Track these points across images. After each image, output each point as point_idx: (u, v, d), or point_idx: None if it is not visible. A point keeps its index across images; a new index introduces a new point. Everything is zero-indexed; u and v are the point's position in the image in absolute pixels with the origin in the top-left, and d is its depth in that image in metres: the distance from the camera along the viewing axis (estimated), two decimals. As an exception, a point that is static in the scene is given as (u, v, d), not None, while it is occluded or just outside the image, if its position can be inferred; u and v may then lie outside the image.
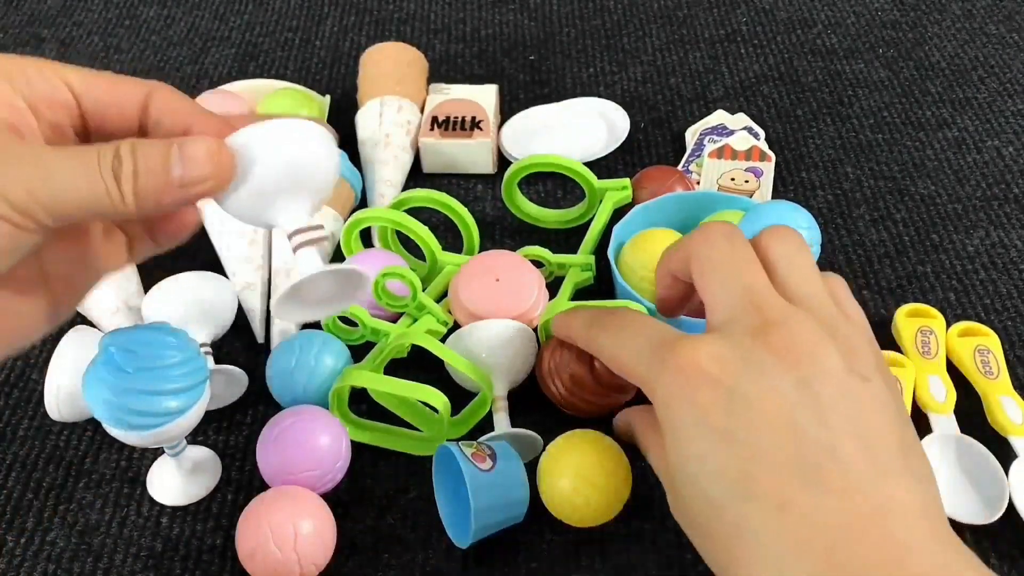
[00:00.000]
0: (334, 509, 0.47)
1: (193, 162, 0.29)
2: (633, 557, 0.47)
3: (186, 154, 0.29)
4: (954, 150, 0.70)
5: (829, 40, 0.80)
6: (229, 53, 0.81)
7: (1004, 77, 0.76)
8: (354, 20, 0.84)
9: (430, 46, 0.81)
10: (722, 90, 0.75)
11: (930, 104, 0.73)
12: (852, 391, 0.33)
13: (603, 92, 0.75)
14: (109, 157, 0.29)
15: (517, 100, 0.75)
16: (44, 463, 0.52)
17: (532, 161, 0.61)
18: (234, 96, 0.69)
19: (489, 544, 0.47)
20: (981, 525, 0.47)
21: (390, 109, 0.68)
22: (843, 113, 0.73)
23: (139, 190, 0.29)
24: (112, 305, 0.56)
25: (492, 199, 0.67)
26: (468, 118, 0.68)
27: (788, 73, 0.77)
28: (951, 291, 0.60)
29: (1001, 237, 0.63)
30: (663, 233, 0.57)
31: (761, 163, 0.65)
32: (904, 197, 0.66)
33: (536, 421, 0.51)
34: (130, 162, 0.29)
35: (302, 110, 0.68)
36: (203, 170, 0.29)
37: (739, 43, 0.80)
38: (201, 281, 0.54)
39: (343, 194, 0.62)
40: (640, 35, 0.81)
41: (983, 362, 0.54)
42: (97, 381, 0.42)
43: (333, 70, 0.79)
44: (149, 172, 0.29)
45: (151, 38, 0.83)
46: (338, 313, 0.34)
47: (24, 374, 0.57)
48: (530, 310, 0.54)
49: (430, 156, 0.68)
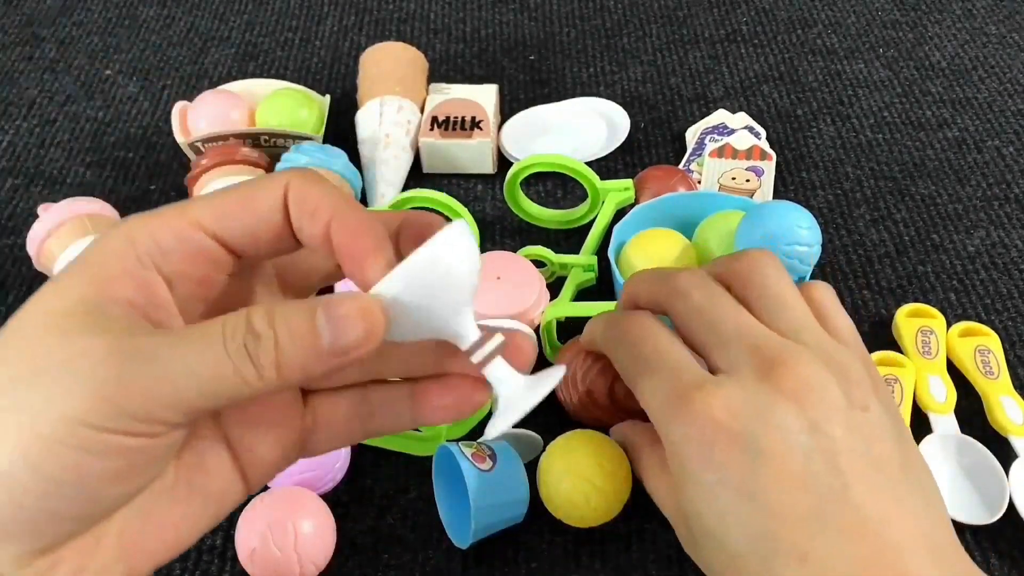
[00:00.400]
0: (334, 509, 0.47)
1: (344, 325, 0.25)
2: (633, 557, 0.47)
3: (334, 316, 0.25)
4: (954, 150, 0.69)
5: (829, 40, 0.80)
6: (229, 53, 0.81)
7: (1004, 77, 0.76)
8: (354, 20, 0.84)
9: (430, 46, 0.81)
10: (722, 90, 0.75)
11: (930, 104, 0.73)
12: (856, 426, 0.34)
13: (603, 92, 0.75)
14: (240, 333, 0.25)
15: (517, 100, 0.75)
16: (44, 463, 0.52)
17: (535, 161, 0.61)
18: (234, 96, 0.69)
19: (489, 544, 0.47)
20: (981, 525, 0.47)
21: (390, 109, 0.68)
22: (843, 113, 0.73)
23: (283, 366, 0.25)
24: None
25: (492, 199, 0.67)
26: (468, 118, 0.68)
27: (788, 73, 0.77)
28: (951, 291, 0.60)
29: (1002, 237, 0.63)
30: (664, 233, 0.57)
31: (762, 162, 0.65)
32: (904, 197, 0.66)
33: (536, 421, 0.51)
34: (270, 336, 0.25)
35: (302, 110, 0.68)
36: (355, 333, 0.25)
37: (739, 43, 0.80)
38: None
39: (343, 194, 0.62)
40: (640, 35, 0.81)
41: (983, 362, 0.54)
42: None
43: (333, 70, 0.79)
44: (294, 341, 0.25)
45: (151, 38, 0.83)
46: None
47: (24, 374, 0.57)
48: (530, 310, 0.54)
49: (430, 156, 0.68)
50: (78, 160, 0.71)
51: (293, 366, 0.25)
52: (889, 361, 0.54)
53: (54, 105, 0.76)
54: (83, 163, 0.71)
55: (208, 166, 0.62)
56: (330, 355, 0.25)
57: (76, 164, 0.71)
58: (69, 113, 0.75)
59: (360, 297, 0.26)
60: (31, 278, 0.62)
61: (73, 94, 0.77)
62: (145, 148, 0.72)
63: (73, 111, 0.76)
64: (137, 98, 0.77)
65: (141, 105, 0.76)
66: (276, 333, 0.25)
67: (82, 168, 0.70)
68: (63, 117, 0.75)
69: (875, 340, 0.57)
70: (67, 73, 0.79)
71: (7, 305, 0.61)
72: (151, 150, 0.72)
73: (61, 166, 0.71)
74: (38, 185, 0.69)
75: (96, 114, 0.75)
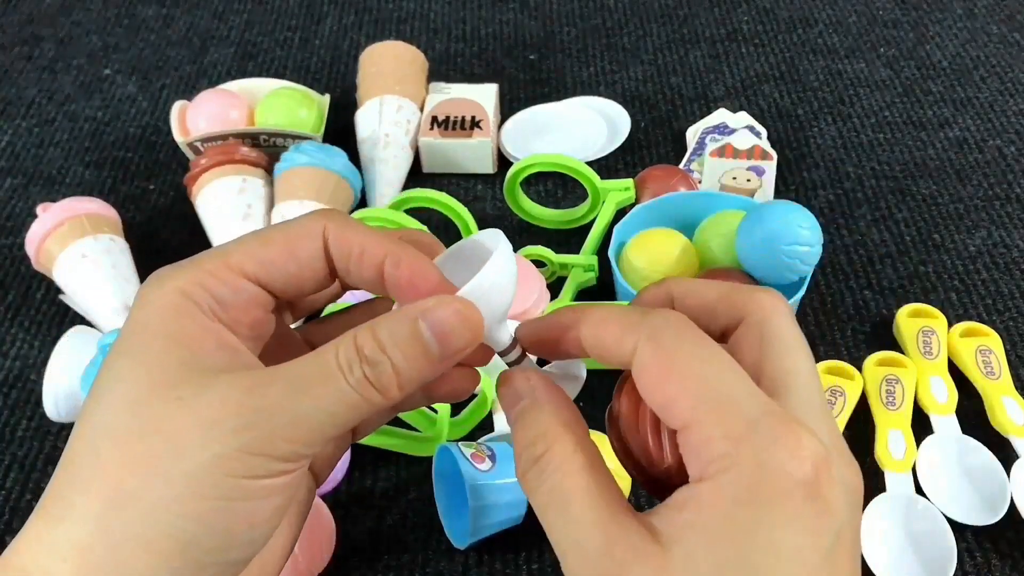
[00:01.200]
0: (334, 510, 0.47)
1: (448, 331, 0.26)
2: (634, 558, 0.47)
3: (436, 325, 0.26)
4: (956, 150, 0.69)
5: (830, 39, 0.80)
6: (228, 52, 0.81)
7: (1006, 77, 0.75)
8: (354, 19, 0.84)
9: (430, 45, 0.80)
10: (723, 89, 0.75)
11: (931, 104, 0.73)
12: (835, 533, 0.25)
13: (604, 91, 0.75)
14: (356, 365, 0.25)
15: (517, 99, 0.75)
16: (43, 464, 0.52)
17: (535, 160, 0.60)
18: (233, 95, 0.68)
19: (489, 544, 0.47)
20: (983, 526, 0.47)
21: (390, 108, 0.67)
22: (844, 112, 0.73)
23: (403, 385, 0.26)
24: (111, 305, 0.56)
25: (492, 199, 0.66)
26: (468, 117, 0.67)
27: (789, 72, 0.77)
28: (953, 291, 0.59)
29: (1003, 237, 0.63)
30: (664, 233, 0.56)
31: (763, 162, 0.64)
32: (906, 197, 0.66)
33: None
34: (384, 361, 0.25)
35: (301, 109, 0.68)
36: (462, 338, 0.26)
37: (740, 42, 0.80)
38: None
39: (342, 194, 0.62)
40: (641, 34, 0.81)
41: (985, 362, 0.54)
42: (96, 381, 0.42)
43: (332, 69, 0.78)
44: (407, 360, 0.25)
45: (150, 37, 0.83)
46: None
47: (23, 374, 0.57)
48: (531, 309, 0.54)
49: (430, 156, 0.68)
50: (77, 159, 0.71)
51: (412, 381, 0.26)
52: (890, 361, 0.54)
53: (53, 104, 0.76)
54: (82, 162, 0.71)
55: (207, 165, 0.62)
56: (441, 362, 0.26)
57: (75, 163, 0.71)
58: (68, 112, 0.75)
59: (453, 300, 0.26)
60: (30, 277, 0.62)
61: (72, 93, 0.77)
62: (144, 147, 0.72)
63: (72, 110, 0.75)
64: (136, 97, 0.77)
65: (140, 104, 0.76)
66: (389, 356, 0.25)
67: (81, 167, 0.70)
68: (62, 116, 0.75)
69: (876, 340, 0.57)
70: (66, 73, 0.79)
71: (6, 304, 0.61)
72: (150, 149, 0.72)
73: (60, 165, 0.70)
74: (37, 185, 0.69)
75: (95, 113, 0.75)
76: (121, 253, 0.59)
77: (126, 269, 0.58)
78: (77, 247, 0.57)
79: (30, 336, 0.59)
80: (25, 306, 0.61)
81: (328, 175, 0.62)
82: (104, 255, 0.58)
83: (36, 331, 0.59)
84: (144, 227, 0.65)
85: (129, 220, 0.64)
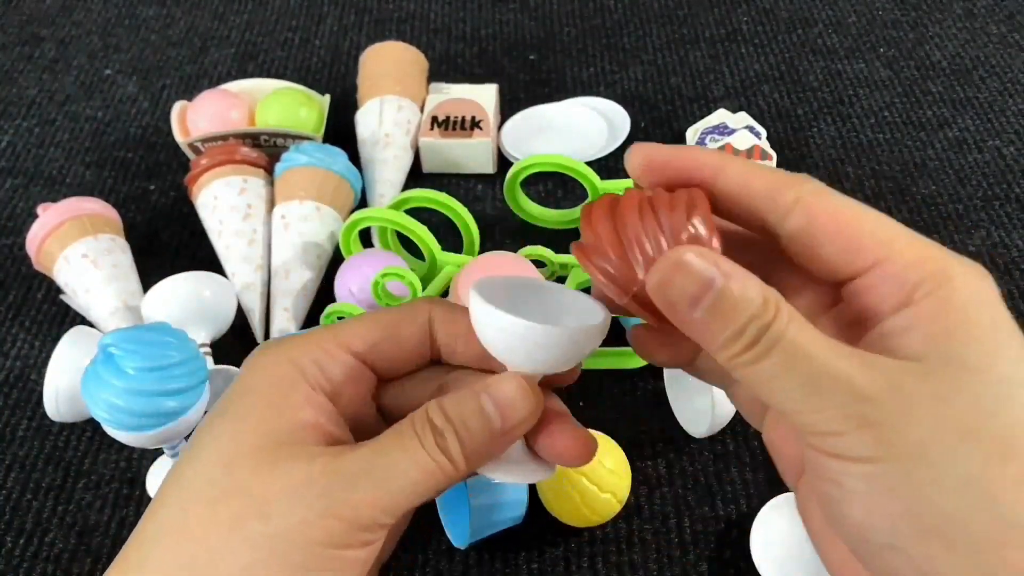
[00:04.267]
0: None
1: (508, 407, 0.27)
2: (634, 558, 0.47)
3: (498, 400, 0.27)
4: (955, 150, 0.69)
5: (830, 39, 0.80)
6: (228, 52, 0.81)
7: (1005, 77, 0.75)
8: (354, 19, 0.84)
9: (430, 45, 0.80)
10: (723, 90, 0.75)
11: (931, 104, 0.73)
12: None
13: (603, 91, 0.75)
14: (430, 435, 0.27)
15: (517, 99, 0.75)
16: (43, 464, 0.52)
17: (535, 161, 0.60)
18: (233, 96, 0.68)
19: (489, 544, 0.47)
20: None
21: (390, 109, 0.67)
22: (844, 113, 0.73)
23: (469, 455, 0.27)
24: (111, 305, 0.56)
25: (492, 199, 0.67)
26: (468, 118, 0.67)
27: (789, 73, 0.77)
28: (952, 291, 0.59)
29: (1002, 237, 0.63)
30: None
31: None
32: (905, 197, 0.66)
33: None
34: (450, 430, 0.27)
35: (301, 109, 0.68)
36: (521, 412, 0.27)
37: (740, 42, 0.80)
38: (200, 281, 0.54)
39: (342, 194, 0.62)
40: (641, 34, 0.81)
41: None
42: (96, 381, 0.42)
43: (333, 69, 0.79)
44: (471, 435, 0.27)
45: (150, 37, 0.83)
46: None
47: (23, 374, 0.57)
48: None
49: (430, 156, 0.68)
50: (77, 160, 0.71)
51: (479, 453, 0.27)
52: None
53: (54, 105, 0.76)
54: (82, 163, 0.71)
55: (208, 166, 0.62)
56: (503, 436, 0.27)
57: (75, 164, 0.71)
58: (69, 113, 0.75)
59: (514, 377, 0.28)
60: (30, 278, 0.62)
61: (72, 94, 0.77)
62: (145, 148, 0.72)
63: (73, 111, 0.75)
64: (137, 98, 0.77)
65: (141, 105, 0.76)
66: (455, 427, 0.27)
67: (81, 168, 0.70)
68: (63, 117, 0.75)
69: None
70: (67, 73, 0.79)
71: (7, 304, 0.61)
72: (150, 150, 0.72)
73: (60, 166, 0.71)
74: (37, 185, 0.69)
75: (95, 114, 0.75)
76: (122, 253, 0.59)
77: (127, 269, 0.58)
78: (78, 247, 0.57)
79: (31, 336, 0.59)
80: (26, 306, 0.61)
81: (328, 175, 0.62)
82: (105, 255, 0.58)
83: (37, 331, 0.59)
84: (145, 227, 0.65)
85: (130, 220, 0.64)
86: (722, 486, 0.50)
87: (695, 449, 0.51)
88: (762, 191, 0.26)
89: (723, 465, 0.51)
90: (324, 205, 0.61)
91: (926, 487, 0.22)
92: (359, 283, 0.55)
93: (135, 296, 0.57)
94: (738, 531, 0.48)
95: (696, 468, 0.51)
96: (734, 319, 0.24)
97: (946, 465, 0.22)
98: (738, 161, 0.27)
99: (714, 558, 0.47)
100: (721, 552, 0.47)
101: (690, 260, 0.24)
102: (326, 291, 0.59)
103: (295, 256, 0.59)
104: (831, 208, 0.25)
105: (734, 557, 0.47)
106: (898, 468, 0.23)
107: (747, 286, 0.24)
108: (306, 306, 0.58)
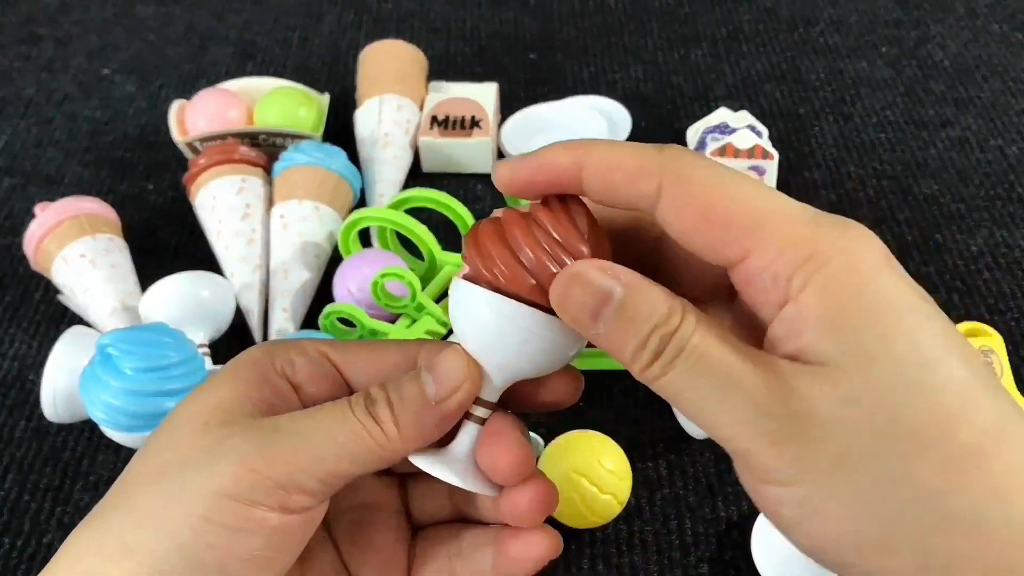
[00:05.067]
0: (333, 511, 0.47)
1: (443, 374, 0.27)
2: (634, 559, 0.47)
3: (434, 368, 0.27)
4: (957, 149, 0.69)
5: (832, 38, 0.80)
6: (227, 51, 0.80)
7: (1007, 76, 0.75)
8: (353, 18, 0.84)
9: (430, 44, 0.80)
10: (724, 89, 0.75)
11: (933, 103, 0.73)
12: None
13: (604, 90, 0.75)
14: (361, 400, 0.27)
15: (517, 99, 0.74)
16: (41, 464, 0.52)
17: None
18: (232, 95, 0.68)
19: (489, 546, 0.47)
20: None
21: (389, 108, 0.67)
22: (846, 112, 0.72)
23: (401, 423, 0.26)
24: (109, 306, 0.56)
25: (492, 199, 0.66)
26: (468, 117, 0.67)
27: (791, 72, 0.76)
28: (954, 291, 0.59)
29: (1005, 237, 0.63)
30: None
31: (764, 161, 0.64)
32: (907, 197, 0.66)
33: (536, 421, 0.51)
34: (382, 396, 0.27)
35: (300, 109, 0.67)
36: (455, 380, 0.27)
37: (741, 41, 0.80)
38: (199, 281, 0.54)
39: (342, 193, 0.62)
40: (641, 33, 0.81)
41: (986, 363, 0.53)
42: (94, 382, 0.42)
43: (332, 68, 0.78)
44: (404, 401, 0.27)
45: (149, 36, 0.82)
46: None
47: (21, 375, 0.56)
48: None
49: (429, 155, 0.67)
50: (75, 159, 0.71)
51: (412, 423, 0.27)
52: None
53: (51, 104, 0.76)
54: (80, 162, 0.70)
55: (206, 165, 0.62)
56: (437, 405, 0.27)
57: (73, 163, 0.70)
58: (67, 112, 0.75)
59: (455, 349, 0.27)
60: (28, 278, 0.62)
61: (71, 93, 0.77)
62: (143, 147, 0.72)
63: (71, 110, 0.75)
64: (135, 97, 0.76)
65: (139, 104, 0.76)
66: (388, 394, 0.27)
67: (79, 167, 0.70)
68: (60, 116, 0.75)
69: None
70: (65, 72, 0.79)
71: (4, 304, 0.61)
72: (149, 149, 0.72)
73: (58, 165, 0.70)
74: (35, 184, 0.69)
75: (94, 113, 0.75)
76: (120, 253, 0.59)
77: (125, 269, 0.58)
78: (76, 247, 0.57)
79: (28, 336, 0.59)
80: (23, 306, 0.60)
81: (327, 174, 0.61)
82: (103, 255, 0.57)
83: (34, 331, 0.59)
84: (143, 227, 0.65)
85: (128, 220, 0.63)
86: (723, 487, 0.50)
87: (696, 450, 0.51)
88: (623, 183, 0.24)
89: (724, 466, 0.50)
90: (323, 205, 0.60)
91: (856, 502, 0.21)
92: (358, 283, 0.55)
93: (133, 296, 0.57)
94: (739, 533, 0.48)
95: (697, 469, 0.50)
96: (637, 330, 0.23)
97: (868, 473, 0.21)
98: (596, 153, 0.25)
99: (715, 560, 0.47)
100: (722, 554, 0.47)
101: (586, 272, 0.24)
102: (325, 291, 0.59)
103: (294, 256, 0.59)
104: (695, 191, 0.23)
105: (735, 559, 0.47)
106: (821, 489, 0.22)
107: (650, 295, 0.23)
108: (305, 306, 0.58)
